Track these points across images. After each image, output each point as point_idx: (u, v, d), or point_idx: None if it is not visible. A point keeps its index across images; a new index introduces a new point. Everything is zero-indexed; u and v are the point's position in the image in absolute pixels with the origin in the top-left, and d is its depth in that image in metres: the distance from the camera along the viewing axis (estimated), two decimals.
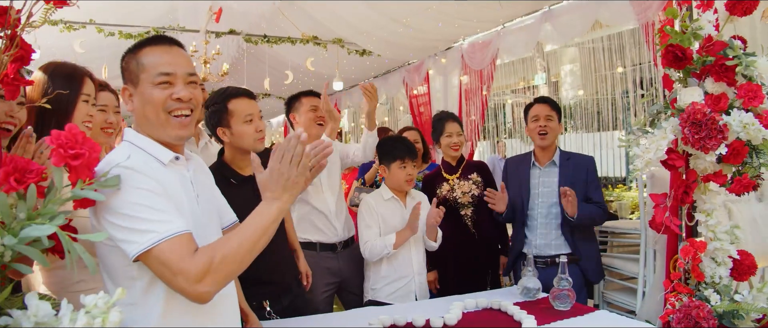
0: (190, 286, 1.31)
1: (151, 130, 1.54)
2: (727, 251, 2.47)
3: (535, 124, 3.29)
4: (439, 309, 2.41)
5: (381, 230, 2.98)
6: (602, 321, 2.33)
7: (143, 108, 1.52)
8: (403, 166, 3.04)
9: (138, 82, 1.52)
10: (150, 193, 1.38)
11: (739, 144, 2.28)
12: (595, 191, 3.16)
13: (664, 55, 2.38)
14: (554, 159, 3.27)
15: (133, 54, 1.55)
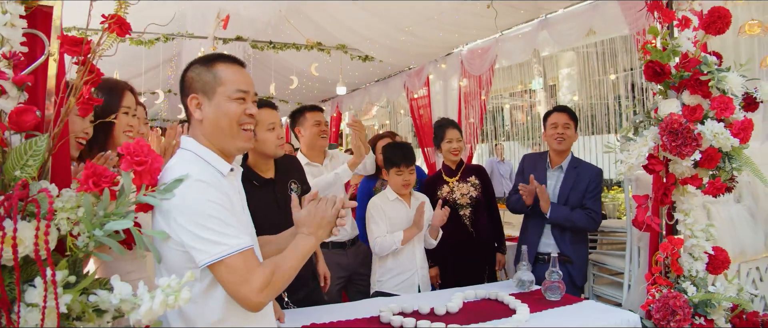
0: (254, 296, 1.55)
1: (220, 139, 1.73)
2: (703, 247, 2.74)
3: (553, 130, 3.57)
4: (442, 299, 2.68)
5: (388, 227, 3.26)
6: (588, 309, 2.60)
7: (217, 119, 1.71)
8: (399, 172, 3.32)
9: (213, 94, 1.71)
10: (221, 207, 1.57)
11: (713, 151, 2.56)
12: (592, 200, 3.42)
13: (645, 70, 2.66)
14: (562, 164, 3.55)
15: (206, 67, 1.74)
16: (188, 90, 1.75)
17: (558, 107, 3.73)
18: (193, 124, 1.77)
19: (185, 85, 1.77)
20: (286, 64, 6.85)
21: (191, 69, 1.78)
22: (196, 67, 1.77)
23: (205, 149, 1.72)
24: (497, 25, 5.53)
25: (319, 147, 3.55)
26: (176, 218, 1.54)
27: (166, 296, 1.35)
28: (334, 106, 9.71)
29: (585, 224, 3.40)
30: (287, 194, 2.86)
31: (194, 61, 1.80)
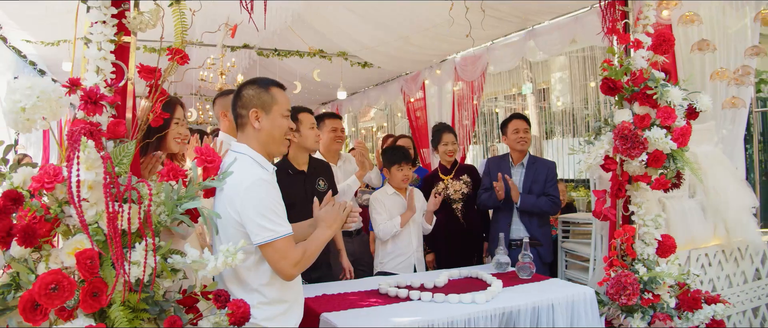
0: (289, 269, 2.13)
1: (271, 145, 2.30)
2: (653, 234, 3.30)
3: (516, 135, 4.25)
4: (433, 277, 3.23)
5: (387, 217, 3.84)
6: (553, 285, 3.15)
7: (272, 129, 2.28)
8: (400, 168, 3.95)
9: (270, 110, 2.27)
10: (276, 202, 2.15)
11: (658, 152, 3.11)
12: (551, 188, 4.08)
13: (601, 85, 3.22)
14: (523, 162, 4.20)
15: (264, 89, 2.31)
16: (249, 104, 2.29)
17: (516, 115, 4.40)
18: (248, 132, 2.30)
19: (244, 101, 2.31)
20: (290, 70, 7.37)
21: (249, 88, 2.33)
22: (254, 87, 2.32)
23: (256, 154, 2.27)
24: (489, 32, 6.05)
25: (335, 150, 4.23)
26: (243, 204, 2.10)
27: (225, 257, 1.90)
28: (334, 108, 10.25)
29: (549, 208, 4.06)
30: (314, 187, 3.49)
31: (250, 82, 2.36)
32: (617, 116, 3.20)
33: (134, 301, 1.82)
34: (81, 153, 1.71)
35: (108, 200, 1.69)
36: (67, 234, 1.86)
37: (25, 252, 1.81)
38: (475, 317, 2.63)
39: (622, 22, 3.42)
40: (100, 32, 2.06)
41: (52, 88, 1.89)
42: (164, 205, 1.92)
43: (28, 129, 1.88)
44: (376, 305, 2.77)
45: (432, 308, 2.69)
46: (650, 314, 3.13)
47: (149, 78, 2.13)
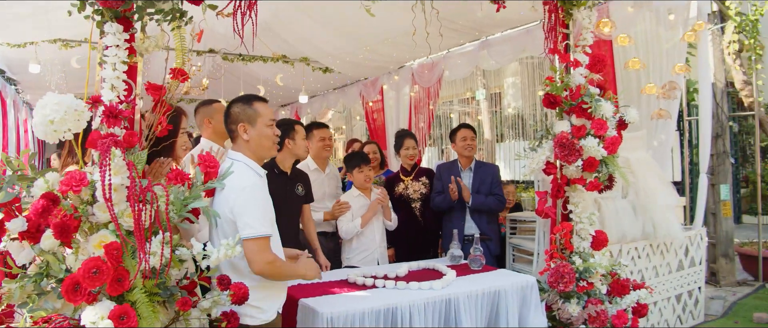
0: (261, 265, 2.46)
1: (260, 151, 2.70)
2: (588, 230, 3.80)
3: (464, 142, 4.76)
4: (394, 268, 3.66)
5: (353, 217, 4.26)
6: (500, 275, 3.63)
7: (260, 138, 2.67)
8: (361, 171, 4.38)
9: (255, 122, 2.67)
10: (266, 205, 2.57)
11: (592, 159, 3.60)
12: (497, 188, 4.63)
13: (544, 100, 3.70)
14: (470, 166, 4.70)
15: (247, 104, 2.70)
16: (237, 120, 2.69)
17: (463, 125, 4.93)
18: (240, 143, 2.70)
19: (232, 117, 2.71)
20: (254, 74, 7.69)
21: (235, 106, 2.73)
22: (240, 104, 2.72)
23: (250, 160, 2.67)
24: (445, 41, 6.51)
25: (324, 157, 4.69)
26: (237, 204, 2.49)
27: (226, 250, 2.28)
28: (293, 110, 10.60)
29: (496, 206, 4.61)
30: (293, 189, 3.90)
31: (236, 100, 2.77)
32: (557, 127, 3.69)
33: (149, 286, 2.18)
34: (112, 161, 2.06)
35: (133, 201, 2.05)
36: (92, 230, 2.20)
37: (55, 245, 2.15)
38: (433, 301, 3.07)
39: (563, 43, 3.91)
40: (114, 55, 2.40)
41: (76, 104, 2.24)
42: (173, 204, 2.28)
43: (55, 139, 2.22)
44: (346, 291, 3.18)
45: (395, 294, 3.12)
46: (585, 300, 3.63)
47: (156, 95, 2.48)
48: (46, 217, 2.03)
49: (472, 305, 3.20)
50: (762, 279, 6.88)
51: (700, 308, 5.37)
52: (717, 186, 6.54)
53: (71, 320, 2.09)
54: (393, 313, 2.93)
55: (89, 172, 2.22)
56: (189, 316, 2.30)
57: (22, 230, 2.16)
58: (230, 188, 2.51)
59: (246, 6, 2.86)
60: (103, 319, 1.99)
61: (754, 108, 7.02)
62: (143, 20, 2.51)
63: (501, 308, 3.33)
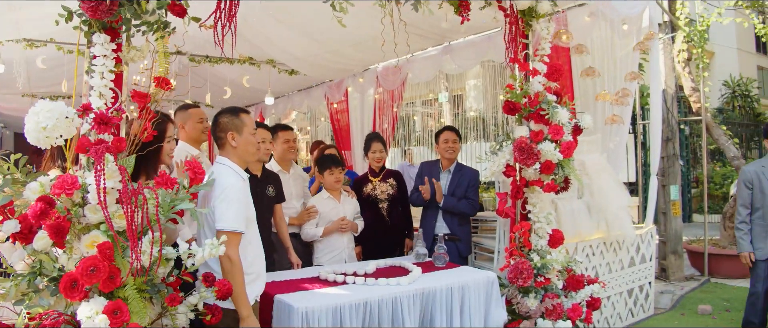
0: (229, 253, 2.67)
1: (246, 156, 3.00)
2: (545, 229, 4.07)
3: (446, 145, 4.98)
4: (363, 266, 3.87)
5: (319, 220, 4.46)
6: (463, 271, 3.87)
7: (245, 145, 2.99)
8: (331, 173, 4.57)
9: (241, 131, 2.98)
10: (243, 204, 2.79)
11: (549, 162, 3.87)
12: (472, 192, 4.82)
13: (504, 106, 3.96)
14: (450, 168, 4.92)
15: (235, 115, 3.01)
16: (225, 129, 2.98)
17: (447, 127, 5.11)
18: (227, 149, 2.99)
19: (221, 126, 3.00)
20: (221, 75, 7.79)
21: (224, 116, 3.02)
22: (228, 115, 3.01)
23: (234, 164, 2.94)
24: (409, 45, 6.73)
25: (288, 159, 4.83)
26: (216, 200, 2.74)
27: (210, 248, 2.46)
28: (257, 111, 10.70)
29: (467, 210, 4.81)
30: (264, 191, 4.05)
31: (224, 111, 3.06)
32: (516, 132, 3.96)
33: (138, 283, 2.35)
34: (107, 166, 2.22)
35: (126, 203, 2.21)
36: (83, 231, 2.35)
37: (48, 245, 2.30)
38: (400, 296, 3.29)
39: (523, 52, 4.17)
40: (102, 64, 2.55)
41: (68, 111, 2.39)
42: (161, 207, 2.45)
43: (47, 144, 2.36)
44: (319, 288, 3.38)
45: (365, 289, 3.33)
46: (542, 294, 3.90)
47: (142, 102, 2.64)
48: (44, 219, 2.17)
49: (438, 299, 3.43)
50: (707, 274, 7.33)
51: (651, 302, 5.73)
52: (667, 187, 6.94)
53: (65, 315, 2.24)
54: (364, 307, 3.14)
55: (80, 176, 2.37)
56: (176, 311, 2.46)
57: (15, 231, 2.31)
58: (214, 187, 2.76)
59: (226, 18, 3.01)
60: (97, 314, 2.14)
61: (701, 113, 7.46)
62: (129, 31, 2.66)
63: (464, 303, 3.57)
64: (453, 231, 4.75)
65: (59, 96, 8.51)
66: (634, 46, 5.48)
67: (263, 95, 8.40)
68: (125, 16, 2.57)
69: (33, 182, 2.38)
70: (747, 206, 4.56)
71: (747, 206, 4.56)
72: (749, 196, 4.55)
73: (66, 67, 6.90)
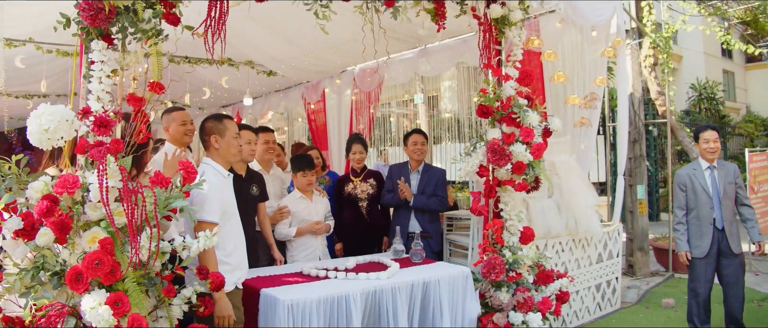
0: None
1: (228, 157, 3.27)
2: (516, 226, 4.30)
3: (414, 147, 5.23)
4: (344, 262, 4.08)
5: (292, 219, 4.64)
6: (438, 267, 4.10)
7: (228, 147, 3.29)
8: (304, 175, 4.72)
9: (224, 135, 3.27)
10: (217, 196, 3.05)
11: (520, 163, 4.10)
12: (440, 190, 5.08)
13: (477, 110, 4.19)
14: (419, 169, 5.13)
15: (218, 121, 3.27)
16: (210, 132, 3.25)
17: (415, 130, 5.42)
18: (212, 150, 3.25)
19: (206, 130, 3.28)
20: (200, 76, 7.90)
21: (209, 121, 3.28)
22: (212, 121, 3.28)
23: (217, 164, 3.23)
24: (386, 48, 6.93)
25: (267, 159, 5.04)
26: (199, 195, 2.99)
27: (205, 240, 2.63)
28: (235, 111, 10.82)
29: (437, 206, 5.09)
30: (248, 190, 4.21)
31: (209, 117, 3.31)
32: (489, 134, 4.19)
33: (136, 276, 2.52)
34: (109, 166, 2.39)
35: (127, 201, 2.38)
36: (83, 227, 2.51)
37: (50, 241, 2.46)
38: (380, 289, 3.50)
39: (496, 58, 4.40)
40: (99, 69, 2.71)
41: (68, 115, 2.55)
42: (159, 203, 2.62)
43: (49, 146, 2.52)
44: (303, 282, 3.57)
45: (346, 284, 3.53)
46: (514, 288, 4.13)
47: (137, 105, 2.80)
48: (49, 216, 2.33)
49: (415, 293, 3.65)
50: (672, 270, 7.68)
51: (617, 296, 6.02)
52: (634, 186, 7.26)
53: (68, 307, 2.40)
54: (346, 300, 3.34)
55: (80, 175, 2.53)
56: (171, 302, 2.64)
57: (18, 228, 2.46)
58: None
59: (217, 26, 3.19)
60: (100, 305, 2.31)
61: (666, 116, 7.80)
62: (125, 38, 2.83)
63: (441, 296, 3.79)
64: (424, 228, 5.00)
65: (35, 95, 8.56)
66: (602, 52, 5.76)
67: (241, 96, 8.54)
68: (122, 25, 2.73)
69: (35, 181, 2.54)
70: (682, 207, 4.86)
71: (682, 208, 4.86)
72: (684, 198, 4.85)
73: (45, 66, 6.99)
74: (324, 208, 4.85)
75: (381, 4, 3.87)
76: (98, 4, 2.64)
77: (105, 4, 2.65)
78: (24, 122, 9.73)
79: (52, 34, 6.60)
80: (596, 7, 5.60)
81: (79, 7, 2.68)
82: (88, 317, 2.30)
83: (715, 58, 18.17)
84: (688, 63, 18.05)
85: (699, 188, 4.77)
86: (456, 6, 4.27)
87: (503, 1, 4.18)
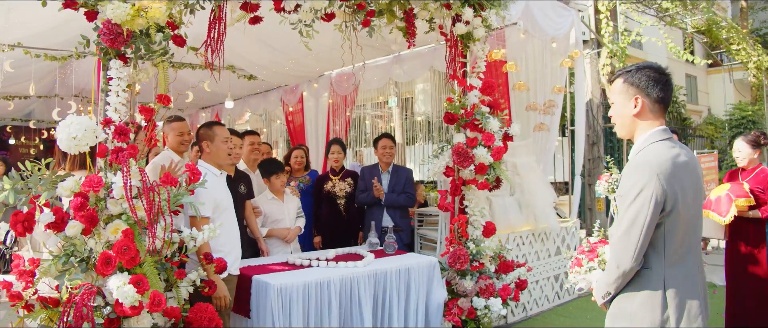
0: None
1: (218, 160, 3.77)
2: (480, 221, 4.85)
3: (384, 150, 5.72)
4: (324, 253, 4.59)
5: (265, 219, 5.06)
6: (409, 257, 4.63)
7: (217, 151, 3.75)
8: (278, 177, 5.16)
9: (214, 140, 3.72)
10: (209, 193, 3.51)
11: (482, 164, 4.65)
12: (408, 187, 5.62)
13: (444, 117, 4.73)
14: (388, 170, 5.66)
15: (208, 129, 3.75)
16: (202, 139, 3.76)
17: (384, 134, 5.95)
18: (205, 154, 3.76)
19: (200, 137, 3.79)
20: (183, 80, 8.32)
21: (202, 128, 3.82)
22: (204, 128, 3.80)
23: (210, 166, 3.76)
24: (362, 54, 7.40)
25: (253, 160, 5.50)
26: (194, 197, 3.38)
27: (210, 232, 3.13)
28: (214, 112, 11.26)
29: (406, 202, 5.64)
30: (236, 189, 4.64)
31: (203, 124, 3.79)
32: (455, 138, 4.73)
33: (152, 261, 3.00)
34: (131, 168, 2.87)
35: (147, 197, 2.87)
36: (106, 221, 2.99)
37: (78, 232, 2.93)
38: (357, 276, 4.02)
39: (461, 70, 4.94)
40: (117, 85, 3.18)
41: (92, 125, 3.03)
42: (171, 199, 3.11)
43: (76, 151, 3.00)
44: (289, 270, 4.08)
45: (328, 271, 4.04)
46: (477, 276, 4.68)
47: (147, 115, 3.28)
48: (81, 210, 2.81)
49: (389, 279, 4.18)
50: None
51: None
52: (593, 186, 7.87)
53: (95, 287, 2.88)
54: (327, 285, 3.86)
55: (103, 176, 3.01)
56: (179, 284, 3.13)
57: (50, 221, 2.93)
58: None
59: (216, 44, 3.68)
60: (125, 284, 2.79)
61: None
62: (137, 58, 3.31)
63: (410, 283, 4.32)
64: (396, 223, 5.55)
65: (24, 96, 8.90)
66: (561, 62, 6.35)
67: (223, 98, 8.99)
68: (137, 46, 3.22)
69: (64, 181, 3.01)
70: None
71: None
72: None
73: (33, 67, 7.38)
74: (295, 208, 5.22)
75: (358, 23, 4.38)
76: (117, 28, 3.12)
77: (123, 29, 3.13)
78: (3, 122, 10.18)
79: (39, 40, 7.01)
80: (554, 22, 6.19)
81: (100, 32, 3.15)
82: (115, 295, 2.78)
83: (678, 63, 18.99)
84: None
85: None
86: (426, 23, 4.80)
87: (467, 20, 4.71)
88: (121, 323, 2.89)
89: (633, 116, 2.34)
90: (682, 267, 2.22)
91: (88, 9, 3.18)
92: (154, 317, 2.96)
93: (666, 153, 2.22)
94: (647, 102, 2.31)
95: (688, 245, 2.25)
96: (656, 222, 2.17)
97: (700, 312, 2.20)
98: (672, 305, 2.18)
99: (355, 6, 4.22)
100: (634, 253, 2.17)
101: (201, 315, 3.06)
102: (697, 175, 2.33)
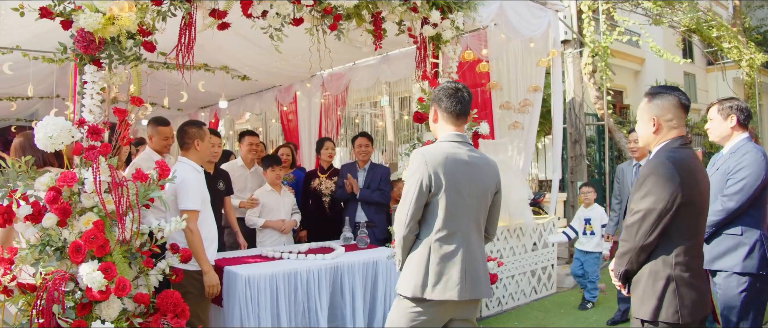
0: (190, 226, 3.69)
1: (204, 157, 4.04)
2: None
3: (360, 148, 5.98)
4: (298, 247, 4.86)
5: (262, 209, 5.39)
6: (379, 251, 4.88)
7: (205, 149, 4.04)
8: (273, 170, 5.50)
9: (203, 139, 3.99)
10: (198, 187, 3.79)
11: None
12: (384, 185, 5.85)
13: (413, 116, 4.97)
14: (365, 167, 5.90)
15: (199, 128, 4.03)
16: (193, 137, 4.02)
17: (361, 133, 6.23)
18: (191, 151, 4.02)
19: (189, 135, 4.04)
20: (178, 80, 8.57)
21: (192, 127, 4.08)
22: (194, 127, 4.03)
23: (193, 163, 3.98)
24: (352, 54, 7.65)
25: (250, 159, 5.89)
26: (180, 189, 3.72)
27: (176, 224, 3.40)
28: (212, 113, 11.56)
29: (380, 199, 5.88)
30: (216, 186, 4.93)
31: (192, 123, 4.09)
32: (425, 137, 4.97)
33: (122, 251, 3.27)
34: (101, 165, 3.14)
35: (116, 192, 3.14)
36: (80, 213, 3.26)
37: (53, 223, 3.20)
38: (325, 268, 4.28)
39: (433, 70, 5.17)
40: (91, 88, 3.45)
41: (67, 125, 3.29)
42: (140, 194, 3.37)
43: (52, 149, 3.28)
44: (261, 261, 4.34)
45: (298, 263, 4.31)
46: None
47: (121, 116, 3.54)
48: (54, 203, 3.08)
49: (356, 271, 4.43)
50: (609, 258, 8.50)
51: (554, 282, 6.83)
52: (575, 183, 8.08)
53: (68, 274, 3.15)
54: (295, 276, 4.13)
55: (77, 172, 3.28)
56: (149, 272, 3.40)
57: (28, 214, 3.20)
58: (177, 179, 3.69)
59: (185, 50, 3.95)
60: (94, 271, 3.06)
61: (605, 119, 8.65)
62: (111, 63, 3.57)
63: (378, 276, 4.58)
64: (371, 218, 5.82)
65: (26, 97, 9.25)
66: (538, 62, 6.57)
67: (217, 98, 9.26)
68: (109, 53, 3.48)
69: (42, 176, 3.29)
70: (617, 197, 5.69)
71: (617, 198, 5.69)
72: (618, 189, 5.68)
73: (32, 69, 7.68)
74: (290, 202, 5.66)
75: (327, 26, 4.63)
76: (90, 36, 3.39)
77: (95, 36, 3.39)
78: (7, 122, 10.56)
79: (37, 42, 7.31)
80: (530, 22, 6.40)
81: (74, 39, 3.42)
82: (85, 281, 3.04)
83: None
84: (650, 65, 18.96)
85: (627, 181, 5.59)
86: (396, 25, 5.03)
87: (435, 23, 4.94)
88: (92, 308, 3.16)
89: (433, 122, 3.18)
90: (447, 241, 2.83)
91: (64, 18, 3.44)
92: (124, 302, 3.24)
93: (445, 150, 2.92)
94: (441, 111, 3.08)
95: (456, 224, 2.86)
96: (424, 199, 2.82)
97: (459, 283, 2.78)
98: (432, 270, 2.80)
99: (322, 10, 4.46)
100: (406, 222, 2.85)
101: (167, 301, 3.33)
102: (479, 171, 3.09)
